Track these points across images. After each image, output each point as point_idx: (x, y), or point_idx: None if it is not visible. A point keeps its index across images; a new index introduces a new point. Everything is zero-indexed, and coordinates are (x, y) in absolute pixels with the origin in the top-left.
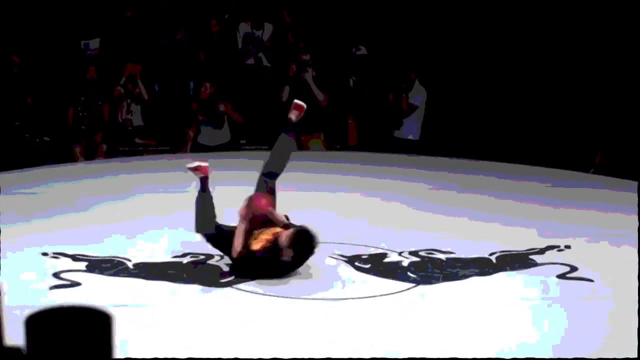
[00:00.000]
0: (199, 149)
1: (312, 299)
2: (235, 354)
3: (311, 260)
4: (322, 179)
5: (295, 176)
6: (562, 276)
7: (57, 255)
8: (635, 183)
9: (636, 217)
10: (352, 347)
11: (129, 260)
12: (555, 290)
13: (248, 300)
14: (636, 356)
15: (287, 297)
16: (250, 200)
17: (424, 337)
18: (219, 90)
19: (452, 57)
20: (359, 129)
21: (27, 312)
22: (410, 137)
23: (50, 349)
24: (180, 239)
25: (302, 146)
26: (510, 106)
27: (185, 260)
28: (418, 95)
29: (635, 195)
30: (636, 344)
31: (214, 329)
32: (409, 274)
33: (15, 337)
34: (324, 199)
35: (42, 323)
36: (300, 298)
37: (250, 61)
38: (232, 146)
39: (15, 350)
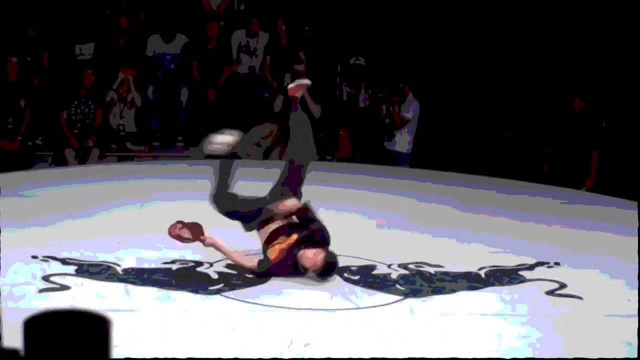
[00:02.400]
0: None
1: (300, 309)
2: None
3: None
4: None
5: None
6: (551, 292)
7: (46, 258)
8: (619, 200)
9: (622, 235)
10: None
11: (118, 265)
12: (544, 306)
13: (236, 308)
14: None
15: (275, 307)
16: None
17: (412, 350)
18: None
19: (446, 72)
20: (352, 140)
21: (17, 314)
22: (401, 149)
23: (48, 352)
24: (170, 245)
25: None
26: (503, 120)
27: (174, 266)
28: (411, 109)
29: (620, 211)
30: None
31: (201, 336)
32: (397, 286)
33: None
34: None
35: (40, 326)
36: (288, 308)
37: (244, 70)
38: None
39: (12, 352)
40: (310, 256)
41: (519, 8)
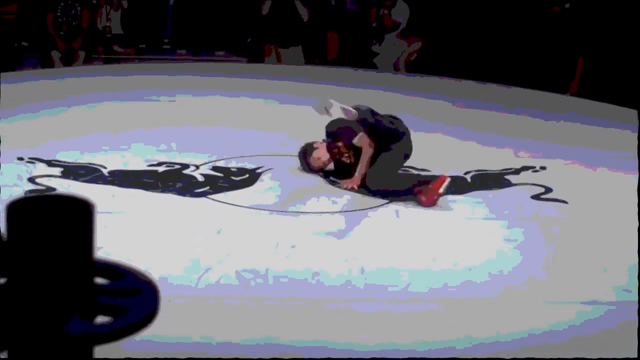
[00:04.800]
0: None
1: (286, 211)
2: (207, 263)
3: (285, 172)
4: (302, 90)
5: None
6: (536, 197)
7: (32, 160)
8: (611, 106)
9: (613, 142)
10: (324, 262)
11: (104, 167)
12: (529, 210)
13: (222, 211)
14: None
15: (261, 209)
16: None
17: (398, 252)
18: None
19: None
20: (340, 43)
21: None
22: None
23: (31, 235)
24: (156, 147)
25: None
26: (491, 26)
27: (160, 169)
28: (401, 13)
29: (611, 120)
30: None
31: (187, 239)
32: None
33: None
34: (299, 112)
35: (23, 209)
36: (274, 210)
37: None
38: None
39: None
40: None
41: None
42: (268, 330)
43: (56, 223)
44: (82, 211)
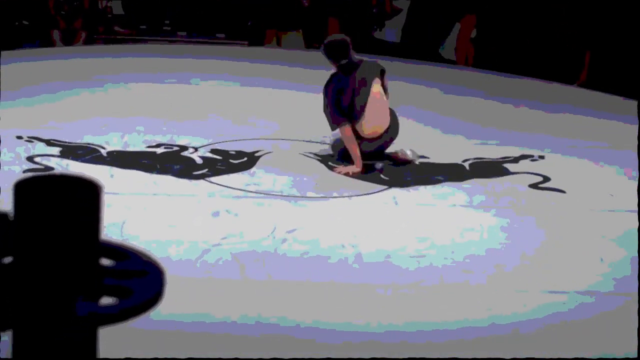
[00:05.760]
0: None
1: (284, 195)
2: (204, 246)
3: (284, 156)
4: (299, 76)
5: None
6: (534, 186)
7: (31, 139)
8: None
9: (616, 133)
10: (320, 247)
11: (103, 148)
12: (527, 199)
13: (219, 194)
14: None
15: (259, 193)
16: None
17: (394, 238)
18: None
19: None
20: (341, 28)
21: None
22: (391, 38)
23: (38, 215)
24: (155, 129)
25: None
26: (495, 13)
27: (159, 150)
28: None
29: (617, 111)
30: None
31: (184, 221)
32: (381, 176)
33: None
34: (299, 98)
35: (31, 189)
36: (272, 195)
37: None
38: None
39: (2, 215)
40: None
41: None
42: (264, 313)
43: (64, 203)
44: (90, 192)
